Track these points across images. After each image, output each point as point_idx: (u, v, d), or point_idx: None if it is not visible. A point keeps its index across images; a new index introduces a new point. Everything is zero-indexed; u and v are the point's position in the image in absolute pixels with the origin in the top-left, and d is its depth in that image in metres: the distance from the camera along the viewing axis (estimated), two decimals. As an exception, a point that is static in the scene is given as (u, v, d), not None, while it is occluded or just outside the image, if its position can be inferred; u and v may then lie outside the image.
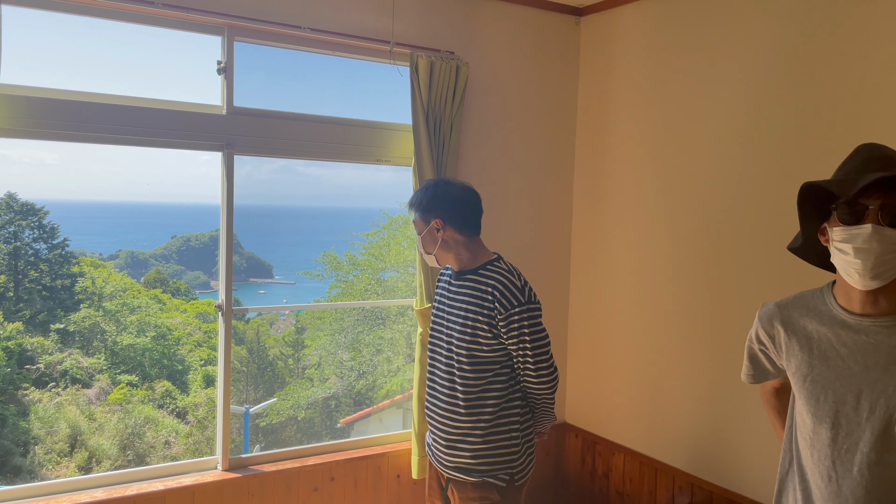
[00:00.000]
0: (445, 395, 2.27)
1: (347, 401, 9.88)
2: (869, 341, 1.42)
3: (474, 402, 2.21)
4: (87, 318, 11.59)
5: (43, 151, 21.84)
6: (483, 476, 2.23)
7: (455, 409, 2.24)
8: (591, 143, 3.66)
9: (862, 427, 1.41)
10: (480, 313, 2.18)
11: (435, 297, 2.43)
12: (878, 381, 1.40)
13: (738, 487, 2.88)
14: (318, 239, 14.78)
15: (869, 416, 1.40)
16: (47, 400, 10.22)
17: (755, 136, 2.81)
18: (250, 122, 2.93)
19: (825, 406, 1.47)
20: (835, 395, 1.45)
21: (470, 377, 2.21)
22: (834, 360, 1.46)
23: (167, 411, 10.86)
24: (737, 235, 2.88)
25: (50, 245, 11.87)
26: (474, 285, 2.24)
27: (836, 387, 1.45)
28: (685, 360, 3.11)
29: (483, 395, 2.22)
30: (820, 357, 1.49)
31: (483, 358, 2.20)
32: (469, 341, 2.19)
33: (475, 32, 3.40)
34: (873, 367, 1.41)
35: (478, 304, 2.19)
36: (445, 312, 2.31)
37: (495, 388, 2.23)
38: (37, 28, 11.20)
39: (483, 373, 2.21)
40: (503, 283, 2.18)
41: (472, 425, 2.22)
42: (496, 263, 2.25)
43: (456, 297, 2.29)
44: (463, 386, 2.22)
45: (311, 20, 2.97)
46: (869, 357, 1.42)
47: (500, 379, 2.23)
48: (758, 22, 2.80)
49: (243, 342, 11.26)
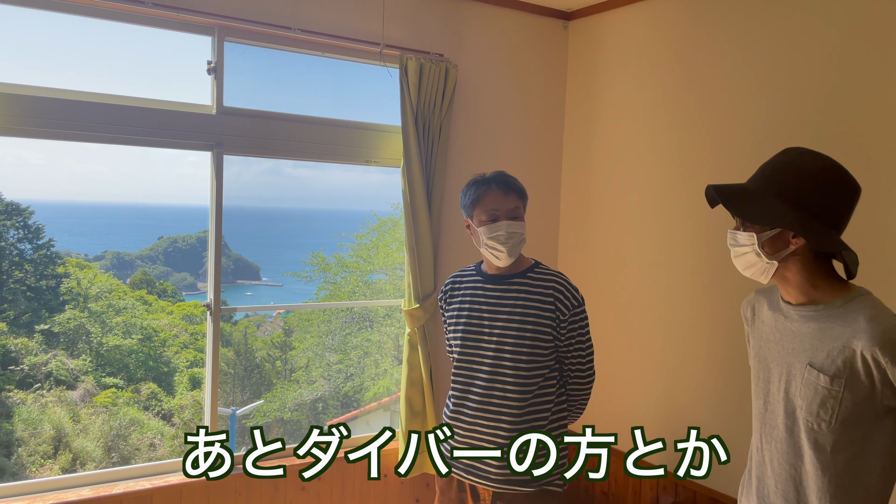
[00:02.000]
0: (491, 405, 2.17)
1: (335, 403, 9.85)
2: (791, 328, 1.59)
3: (529, 408, 2.15)
4: (73, 320, 11.48)
5: (28, 150, 21.65)
6: (541, 485, 2.15)
7: (505, 419, 2.15)
8: (578, 146, 3.69)
9: (779, 405, 1.59)
10: (542, 316, 2.14)
11: (456, 307, 2.32)
12: (793, 366, 1.56)
13: (721, 486, 2.92)
14: (306, 241, 14.74)
15: (784, 397, 1.58)
16: (31, 401, 10.11)
17: (742, 139, 2.85)
18: (240, 122, 2.94)
19: (760, 384, 1.66)
20: (766, 374, 1.64)
21: (526, 382, 2.15)
22: (771, 343, 1.64)
23: (153, 413, 10.77)
24: (722, 240, 2.92)
25: (35, 245, 11.74)
26: (528, 289, 2.18)
27: (769, 366, 1.64)
28: (667, 359, 3.15)
29: (537, 401, 2.17)
30: (764, 339, 1.67)
31: (540, 362, 2.16)
32: (529, 345, 2.14)
33: (464, 35, 3.43)
34: (790, 351, 1.57)
35: (537, 306, 2.15)
36: (487, 319, 2.21)
37: (548, 392, 2.19)
38: (24, 26, 11.07)
39: (537, 378, 2.16)
40: (564, 284, 2.18)
41: (529, 433, 2.12)
42: (543, 267, 2.26)
43: (502, 301, 2.20)
44: (518, 392, 2.14)
45: (302, 21, 2.99)
46: (789, 342, 1.58)
47: (550, 383, 2.20)
48: (744, 27, 2.84)
49: (230, 344, 11.21)
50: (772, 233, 1.53)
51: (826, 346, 1.48)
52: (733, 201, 1.56)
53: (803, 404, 1.51)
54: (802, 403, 1.51)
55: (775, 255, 1.54)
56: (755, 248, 1.55)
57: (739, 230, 1.59)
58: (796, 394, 1.53)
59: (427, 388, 3.27)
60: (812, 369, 1.49)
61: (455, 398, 2.27)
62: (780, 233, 1.52)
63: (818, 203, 1.49)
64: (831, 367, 1.46)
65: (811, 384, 1.49)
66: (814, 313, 1.53)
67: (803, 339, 1.54)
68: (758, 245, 1.55)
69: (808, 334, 1.53)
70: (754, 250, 1.56)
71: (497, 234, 2.14)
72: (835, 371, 1.45)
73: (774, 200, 1.51)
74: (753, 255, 1.56)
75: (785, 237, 1.52)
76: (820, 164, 1.52)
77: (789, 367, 1.56)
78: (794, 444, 1.55)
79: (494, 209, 2.16)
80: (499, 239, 2.15)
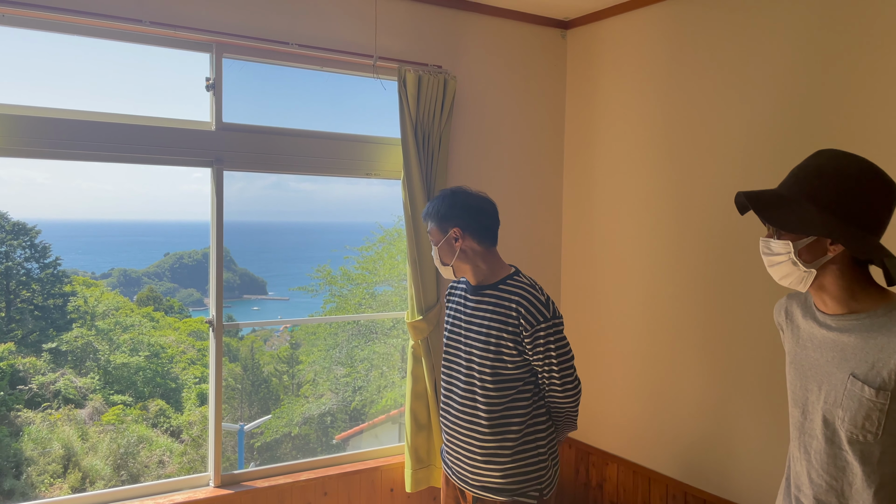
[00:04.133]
0: (465, 414, 2.20)
1: (343, 416, 9.82)
2: (829, 336, 1.52)
3: (498, 421, 2.14)
4: (80, 338, 11.51)
5: (33, 170, 21.82)
6: (513, 495, 2.15)
7: (477, 429, 2.17)
8: (579, 155, 3.69)
9: (819, 414, 1.53)
10: (505, 330, 2.12)
11: (447, 313, 2.37)
12: (833, 375, 1.50)
13: (731, 495, 2.89)
14: (312, 255, 14.78)
15: (823, 406, 1.52)
16: (40, 421, 10.13)
17: (740, 146, 2.84)
18: (239, 137, 2.94)
19: (799, 392, 1.60)
20: (804, 383, 1.58)
21: (494, 395, 2.14)
22: (809, 351, 1.58)
23: (161, 430, 10.78)
24: (726, 245, 2.90)
25: (42, 264, 11.80)
26: (496, 301, 2.17)
27: (808, 375, 1.57)
28: (678, 369, 3.12)
29: (507, 413, 2.15)
30: (801, 346, 1.61)
31: (507, 375, 2.14)
32: (493, 359, 2.13)
33: (462, 46, 3.44)
34: (829, 361, 1.51)
35: (501, 320, 2.13)
36: (464, 329, 2.23)
37: (520, 405, 2.16)
38: (25, 47, 11.18)
39: (507, 390, 2.14)
40: (528, 298, 2.12)
41: (498, 444, 2.14)
42: (516, 278, 2.20)
43: (476, 312, 2.21)
44: (486, 405, 2.14)
45: (299, 36, 3.00)
46: (828, 352, 1.52)
47: (524, 395, 2.17)
48: (744, 33, 2.84)
49: (237, 359, 11.21)
50: (808, 240, 1.46)
51: (870, 357, 1.42)
52: (766, 209, 1.49)
53: (846, 416, 1.44)
54: (845, 415, 1.45)
55: (813, 262, 1.47)
56: (791, 256, 1.48)
57: (773, 238, 1.51)
58: (838, 405, 1.46)
59: (432, 401, 3.26)
60: (856, 380, 1.43)
61: (442, 404, 2.35)
62: (817, 240, 1.46)
63: (856, 207, 1.42)
64: (876, 379, 1.40)
65: (854, 396, 1.43)
66: (855, 322, 1.46)
67: (844, 350, 1.47)
68: (794, 253, 1.48)
69: (849, 344, 1.46)
70: (790, 259, 1.48)
71: None
72: (880, 383, 1.39)
73: (809, 206, 1.45)
74: (790, 265, 1.49)
75: (822, 244, 1.46)
76: (856, 166, 1.45)
77: (829, 377, 1.50)
78: (835, 454, 1.49)
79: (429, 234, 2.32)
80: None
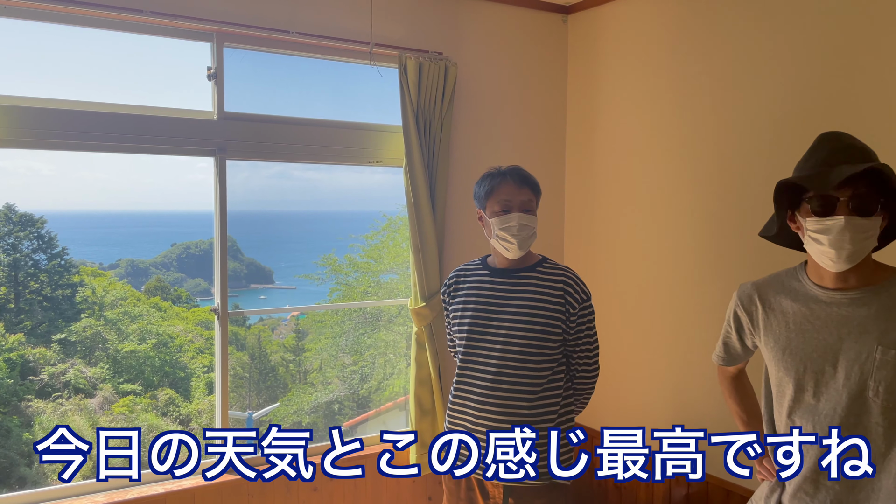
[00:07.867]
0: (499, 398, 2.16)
1: (351, 404, 9.87)
2: (841, 313, 1.52)
3: (539, 402, 2.16)
4: (89, 328, 11.58)
5: (39, 161, 21.85)
6: (551, 478, 2.16)
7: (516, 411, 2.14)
8: (581, 139, 3.68)
9: (840, 393, 1.51)
10: (551, 310, 2.15)
11: (461, 300, 2.31)
12: (852, 350, 1.50)
13: (733, 478, 2.90)
14: (318, 244, 14.78)
15: (845, 383, 1.51)
16: (51, 410, 10.22)
17: (744, 131, 2.84)
18: (241, 126, 2.96)
19: (805, 376, 1.58)
20: (812, 366, 1.56)
21: (536, 376, 2.16)
22: (809, 334, 1.57)
23: (171, 419, 10.86)
24: (726, 232, 2.90)
25: (49, 255, 11.85)
26: (538, 283, 2.19)
27: (813, 358, 1.56)
28: (679, 350, 3.14)
29: (546, 395, 2.18)
30: (797, 331, 1.59)
31: (550, 356, 2.18)
32: (539, 339, 2.15)
33: (463, 33, 3.43)
34: (847, 337, 1.51)
35: (546, 300, 2.16)
36: (496, 312, 2.21)
37: (557, 385, 2.20)
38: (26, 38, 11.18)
39: (545, 371, 2.17)
40: (573, 278, 2.21)
41: (540, 427, 2.14)
42: (552, 262, 2.27)
43: (510, 294, 2.20)
44: (529, 386, 2.15)
45: (300, 25, 3.00)
46: (842, 328, 1.52)
47: (559, 376, 2.22)
48: (745, 17, 2.82)
49: (245, 348, 11.26)
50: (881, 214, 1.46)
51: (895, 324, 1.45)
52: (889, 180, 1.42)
53: (881, 387, 1.45)
54: (878, 386, 1.45)
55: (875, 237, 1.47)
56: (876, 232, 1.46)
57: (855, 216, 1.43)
58: (868, 376, 1.47)
59: (436, 387, 3.28)
60: (887, 349, 1.45)
61: (460, 392, 2.27)
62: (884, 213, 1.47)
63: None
64: None
65: (888, 364, 1.45)
66: (871, 295, 1.49)
67: (863, 322, 1.49)
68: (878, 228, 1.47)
69: (869, 316, 1.48)
70: (875, 235, 1.46)
71: (509, 225, 2.16)
72: None
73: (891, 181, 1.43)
74: (874, 240, 1.47)
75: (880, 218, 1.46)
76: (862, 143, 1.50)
77: (846, 354, 1.50)
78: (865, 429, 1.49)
79: (507, 200, 2.18)
80: (510, 230, 2.16)
